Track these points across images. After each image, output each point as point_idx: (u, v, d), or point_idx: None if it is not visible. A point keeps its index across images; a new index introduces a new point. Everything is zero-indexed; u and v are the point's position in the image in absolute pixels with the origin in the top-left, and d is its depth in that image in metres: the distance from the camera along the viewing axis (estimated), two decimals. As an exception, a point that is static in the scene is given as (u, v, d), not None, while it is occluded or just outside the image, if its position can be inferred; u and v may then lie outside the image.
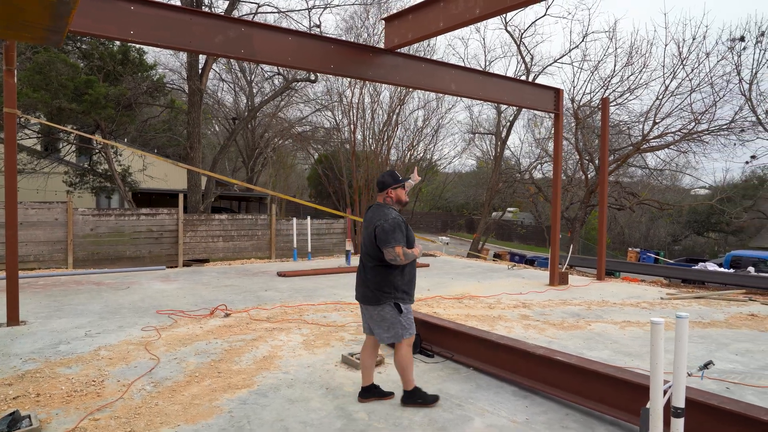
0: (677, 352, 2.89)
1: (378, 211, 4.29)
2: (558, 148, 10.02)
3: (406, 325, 4.29)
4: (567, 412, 4.23)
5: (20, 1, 4.00)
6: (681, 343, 2.88)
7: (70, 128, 12.14)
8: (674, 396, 2.88)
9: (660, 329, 2.85)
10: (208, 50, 6.22)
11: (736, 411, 3.42)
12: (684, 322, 2.87)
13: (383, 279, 4.23)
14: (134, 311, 7.57)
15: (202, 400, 4.39)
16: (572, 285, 10.31)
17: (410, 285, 4.34)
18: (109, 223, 12.14)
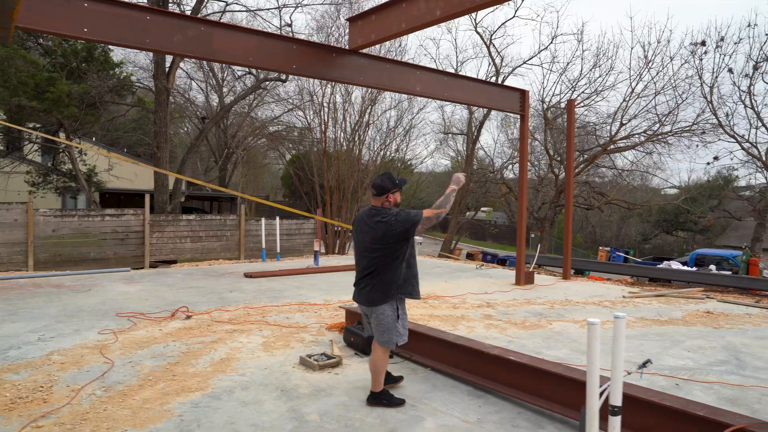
0: (614, 352, 2.94)
1: (377, 212, 4.25)
2: (524, 149, 10.13)
3: (401, 332, 4.29)
4: (519, 411, 4.28)
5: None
6: (618, 342, 2.93)
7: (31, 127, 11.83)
8: (611, 395, 2.94)
9: (596, 329, 2.90)
10: (166, 49, 6.13)
11: (675, 407, 3.50)
12: (621, 322, 2.93)
13: (389, 275, 4.19)
14: (93, 314, 7.42)
15: (153, 404, 4.33)
16: (538, 284, 10.44)
17: (408, 282, 4.31)
18: (72, 224, 11.89)
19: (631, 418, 3.66)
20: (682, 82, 16.38)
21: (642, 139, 17.39)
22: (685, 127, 16.54)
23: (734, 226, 34.48)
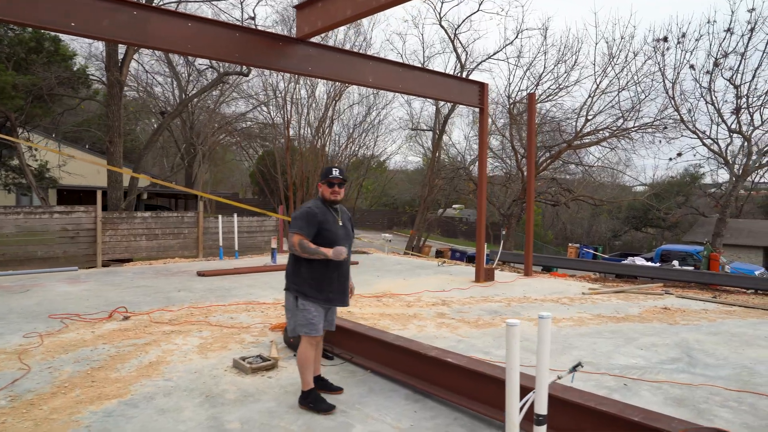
0: (539, 355, 2.70)
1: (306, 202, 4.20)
2: (483, 143, 9.95)
3: (302, 322, 4.04)
4: (456, 417, 4.05)
5: None
6: (543, 345, 2.69)
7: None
8: (536, 403, 2.70)
9: (514, 332, 2.66)
10: (94, 34, 5.74)
11: (611, 412, 3.30)
12: (546, 322, 2.69)
13: (292, 267, 4.10)
14: (24, 316, 6.99)
15: (62, 414, 3.99)
16: (498, 281, 10.29)
17: (320, 282, 4.06)
18: (17, 221, 11.34)
19: (567, 423, 3.47)
20: (645, 78, 16.52)
21: (606, 135, 17.44)
22: (647, 123, 16.63)
23: (701, 222, 35.05)
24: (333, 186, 4.09)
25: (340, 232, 4.06)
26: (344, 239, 4.08)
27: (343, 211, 4.27)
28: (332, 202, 4.14)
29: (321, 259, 3.96)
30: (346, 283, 4.19)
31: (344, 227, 4.15)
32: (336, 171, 4.11)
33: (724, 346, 6.15)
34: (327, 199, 4.12)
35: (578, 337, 6.33)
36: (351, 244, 4.26)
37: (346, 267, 4.15)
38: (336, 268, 4.05)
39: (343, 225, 4.15)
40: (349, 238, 4.18)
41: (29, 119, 12.92)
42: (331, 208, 4.14)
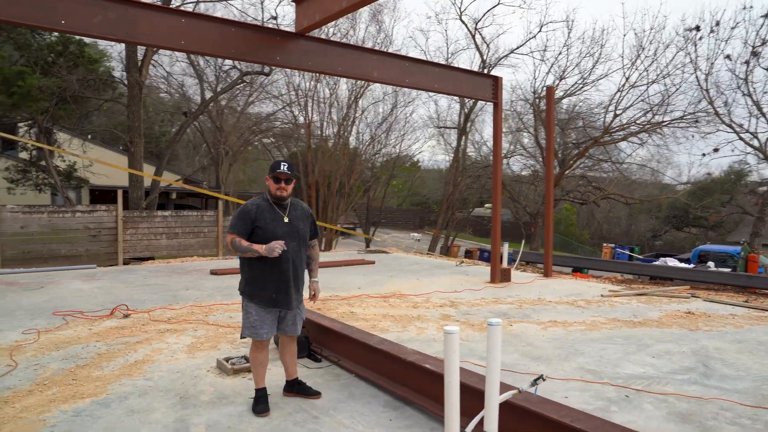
0: (489, 364, 2.44)
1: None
2: (497, 139, 9.59)
3: (246, 324, 3.92)
4: (433, 427, 3.80)
5: None
6: (493, 353, 2.43)
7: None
8: (486, 420, 2.43)
9: (453, 340, 2.41)
10: (84, 31, 5.73)
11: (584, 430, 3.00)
12: (496, 329, 2.43)
13: (240, 268, 4.04)
14: (30, 312, 7.09)
15: (31, 413, 3.94)
16: (514, 282, 9.92)
17: (260, 282, 3.90)
18: (41, 220, 11.64)
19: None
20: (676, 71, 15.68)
21: (635, 130, 16.67)
22: (680, 117, 15.80)
23: (747, 222, 33.30)
24: (279, 182, 3.88)
25: (279, 230, 3.83)
26: (286, 236, 3.85)
27: (297, 208, 4.07)
28: (278, 198, 3.92)
29: (259, 258, 3.80)
30: (290, 284, 3.91)
31: (291, 224, 3.93)
32: (284, 166, 3.90)
33: (747, 356, 5.67)
34: (272, 195, 3.93)
35: (586, 343, 5.96)
36: (302, 243, 4.02)
37: (288, 266, 3.88)
38: (274, 266, 3.84)
39: (289, 222, 3.93)
40: (295, 236, 3.93)
41: (55, 121, 13.27)
42: (277, 205, 3.95)
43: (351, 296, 8.51)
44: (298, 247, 3.96)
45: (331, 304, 7.94)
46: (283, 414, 3.96)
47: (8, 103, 11.72)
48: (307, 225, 4.09)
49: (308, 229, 4.10)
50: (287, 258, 3.85)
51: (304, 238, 4.04)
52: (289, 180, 3.91)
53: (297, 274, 3.96)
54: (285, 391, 4.32)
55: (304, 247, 4.05)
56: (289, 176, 3.89)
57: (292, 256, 3.90)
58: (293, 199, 4.08)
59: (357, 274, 10.85)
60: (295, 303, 3.99)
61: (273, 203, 3.95)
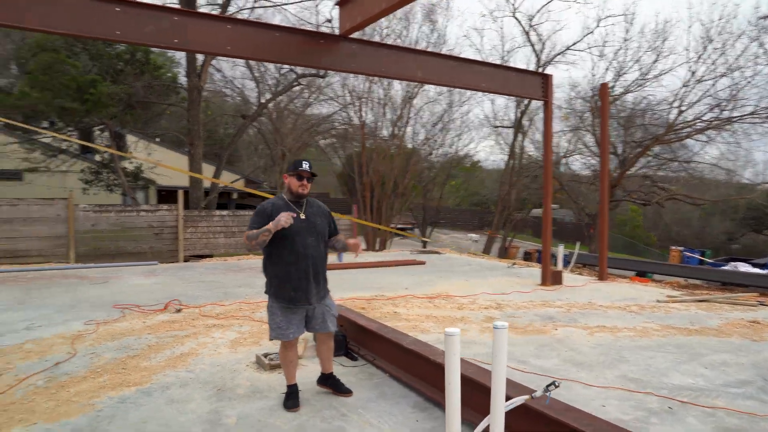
0: (494, 368, 2.39)
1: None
2: (548, 138, 9.32)
3: (272, 326, 4.02)
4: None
5: None
6: (499, 357, 2.37)
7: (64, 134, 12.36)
8: (492, 428, 2.38)
9: (453, 342, 2.37)
10: (138, 40, 6.07)
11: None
12: (501, 332, 2.38)
13: (262, 268, 4.14)
14: (93, 305, 7.57)
15: (82, 398, 4.21)
16: (566, 285, 9.61)
17: (275, 281, 4.01)
18: (110, 219, 12.40)
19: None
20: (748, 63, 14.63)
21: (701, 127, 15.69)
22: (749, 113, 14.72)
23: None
24: (302, 179, 3.98)
25: (295, 226, 3.89)
26: (303, 232, 3.93)
27: (313, 205, 4.14)
28: (299, 195, 4.01)
29: (278, 256, 3.92)
30: (310, 279, 3.97)
31: (308, 220, 4.00)
32: (306, 164, 3.99)
33: (816, 371, 5.24)
34: (294, 192, 4.00)
35: (634, 350, 5.70)
36: (320, 239, 4.07)
37: (308, 262, 3.95)
38: (293, 262, 3.92)
39: (306, 218, 4.00)
40: (312, 231, 4.00)
41: (123, 125, 14.13)
42: (294, 203, 4.03)
43: (397, 296, 8.54)
44: (316, 243, 4.02)
45: (376, 303, 8.00)
46: (312, 410, 4.04)
47: (82, 110, 12.62)
48: (324, 221, 4.15)
49: (326, 226, 4.16)
50: (306, 254, 3.93)
51: (322, 234, 4.09)
52: (310, 178, 4.01)
53: (317, 269, 4.02)
54: (318, 382, 4.41)
55: (322, 243, 4.10)
56: (310, 174, 3.99)
57: (311, 252, 3.96)
58: (309, 198, 4.15)
59: (406, 275, 10.86)
60: (316, 298, 4.04)
61: (289, 201, 4.04)
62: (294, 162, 4.04)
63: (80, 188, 15.91)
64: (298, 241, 3.91)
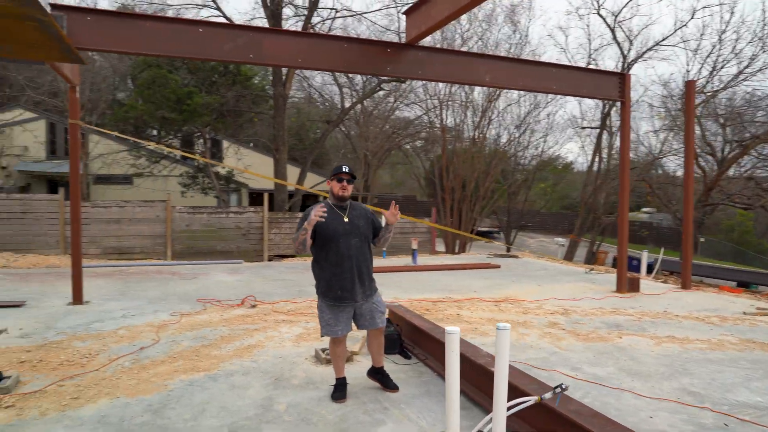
0: (497, 368, 2.47)
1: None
2: (625, 139, 8.91)
3: (322, 323, 4.30)
4: (494, 427, 3.84)
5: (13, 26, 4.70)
6: (501, 357, 2.46)
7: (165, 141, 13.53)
8: (494, 422, 2.47)
9: (452, 340, 2.49)
10: (218, 57, 6.65)
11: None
12: (503, 333, 2.47)
13: (312, 270, 4.44)
14: (180, 298, 8.33)
15: (159, 379, 4.74)
16: (643, 293, 9.16)
17: (322, 281, 4.29)
18: (202, 220, 13.46)
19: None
20: None
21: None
22: None
23: None
24: (342, 181, 4.20)
25: (340, 228, 4.13)
26: (347, 234, 4.16)
27: (357, 208, 4.35)
28: (340, 197, 4.23)
29: (324, 258, 4.20)
30: (354, 279, 4.18)
31: (351, 223, 4.21)
32: (345, 167, 4.23)
33: None
34: (336, 195, 4.23)
35: (701, 363, 5.41)
36: (364, 240, 4.28)
37: (352, 263, 4.17)
38: (338, 264, 4.15)
39: (349, 221, 4.21)
40: (356, 233, 4.21)
41: (216, 132, 15.29)
42: (337, 207, 4.25)
43: (463, 299, 8.60)
44: (359, 244, 4.23)
45: (442, 305, 8.11)
46: (357, 403, 4.27)
47: (180, 119, 13.84)
48: (368, 223, 4.35)
49: (370, 228, 4.35)
50: (349, 255, 4.15)
51: (366, 235, 4.30)
52: (350, 180, 4.23)
53: (361, 269, 4.23)
54: (368, 374, 4.64)
55: (366, 245, 4.31)
56: (350, 177, 4.22)
57: (355, 253, 4.18)
58: (352, 201, 4.37)
59: (478, 278, 10.86)
60: (361, 297, 4.25)
61: (333, 205, 4.28)
62: (334, 167, 4.30)
63: (179, 191, 17.36)
64: (342, 243, 4.16)
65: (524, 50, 18.48)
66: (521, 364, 5.29)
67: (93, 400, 4.23)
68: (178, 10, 14.35)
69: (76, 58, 5.99)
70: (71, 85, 7.50)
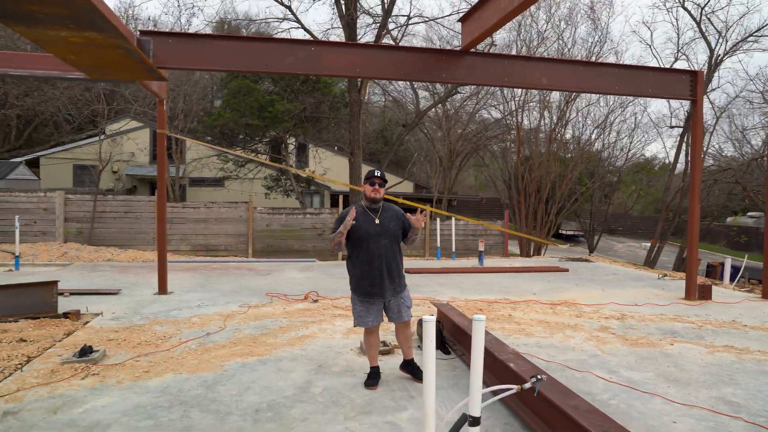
0: (473, 357, 2.69)
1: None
2: (696, 139, 8.50)
3: (354, 315, 4.68)
4: (507, 422, 4.02)
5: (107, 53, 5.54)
6: (477, 346, 2.69)
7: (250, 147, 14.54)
8: (470, 406, 2.70)
9: (427, 328, 2.73)
10: (281, 70, 7.24)
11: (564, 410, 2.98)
12: (479, 324, 2.69)
13: (346, 267, 4.82)
14: (251, 292, 9.06)
15: (218, 360, 5.34)
16: (714, 301, 8.68)
17: (355, 278, 4.68)
18: (280, 220, 14.36)
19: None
20: None
21: None
22: None
23: None
24: (374, 185, 4.53)
25: (372, 230, 4.44)
26: (377, 235, 4.48)
27: (388, 210, 4.66)
28: (373, 200, 4.56)
29: (357, 256, 4.55)
30: (384, 276, 4.51)
31: (382, 225, 4.53)
32: (377, 172, 4.58)
33: None
34: (368, 197, 4.57)
35: (752, 374, 5.18)
36: (394, 240, 4.61)
37: (382, 261, 4.51)
38: (369, 262, 4.50)
39: (380, 223, 4.53)
40: (387, 234, 4.53)
41: (295, 137, 16.21)
42: (370, 210, 4.59)
43: (520, 301, 8.65)
44: (390, 244, 4.57)
45: (497, 306, 8.24)
46: (386, 390, 4.60)
47: (262, 125, 14.87)
48: (398, 224, 4.66)
49: (400, 228, 4.67)
50: (379, 254, 4.50)
51: (396, 236, 4.62)
52: (382, 184, 4.57)
53: (390, 267, 4.57)
54: (400, 367, 4.96)
55: (396, 244, 4.63)
56: (381, 180, 4.55)
57: (385, 252, 4.52)
58: (385, 203, 4.70)
59: (541, 281, 10.78)
60: (390, 292, 4.59)
61: (366, 208, 4.63)
62: (367, 172, 4.67)
63: (264, 193, 18.55)
64: (373, 243, 4.51)
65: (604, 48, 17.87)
66: (558, 365, 5.37)
67: (160, 374, 4.88)
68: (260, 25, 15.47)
69: (158, 76, 6.82)
70: (159, 99, 8.46)
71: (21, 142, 26.51)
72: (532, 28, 17.24)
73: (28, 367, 5.00)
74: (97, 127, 18.41)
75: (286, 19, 14.54)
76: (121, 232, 14.36)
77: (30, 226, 13.96)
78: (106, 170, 19.66)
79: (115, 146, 21.04)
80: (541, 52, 17.27)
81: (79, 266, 12.19)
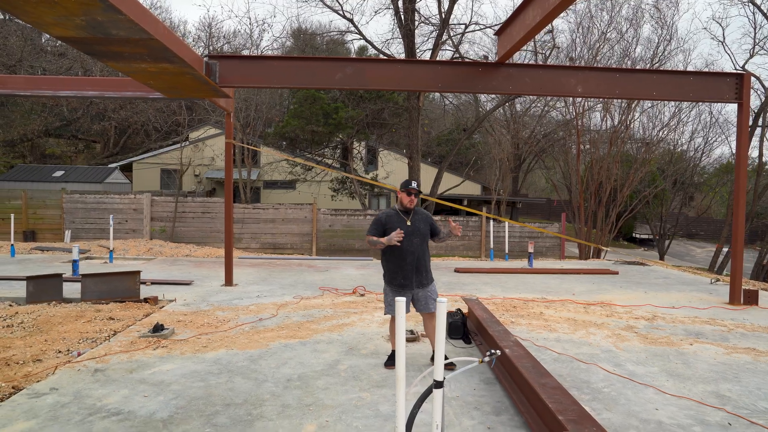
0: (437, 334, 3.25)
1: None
2: (741, 142, 8.42)
3: (385, 303, 5.38)
4: (499, 399, 4.54)
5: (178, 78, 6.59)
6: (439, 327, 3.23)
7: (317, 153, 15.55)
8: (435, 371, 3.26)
9: (399, 307, 3.33)
10: (330, 85, 8.06)
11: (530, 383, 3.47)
12: (441, 306, 3.23)
13: (381, 262, 5.52)
14: (306, 286, 9.96)
15: (265, 340, 6.21)
16: (761, 306, 8.56)
17: (392, 272, 5.31)
18: (342, 221, 15.29)
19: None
20: None
21: None
22: None
23: None
24: (411, 195, 5.19)
25: (405, 230, 5.08)
26: (410, 235, 5.13)
27: (419, 213, 5.34)
28: (407, 208, 5.22)
29: (391, 253, 5.17)
30: (413, 271, 5.16)
31: (413, 226, 5.19)
32: (414, 183, 5.23)
33: None
34: (404, 205, 5.22)
35: (759, 374, 5.33)
36: (424, 239, 5.26)
37: (413, 258, 5.15)
38: (401, 258, 5.12)
39: (412, 225, 5.19)
40: (417, 234, 5.19)
41: (358, 141, 17.14)
42: (403, 213, 5.22)
43: (556, 300, 8.97)
44: (420, 243, 5.24)
45: (532, 304, 8.62)
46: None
47: (325, 131, 15.89)
48: (427, 226, 5.34)
49: (428, 229, 5.36)
50: (411, 251, 5.17)
51: (425, 235, 5.31)
52: (417, 194, 5.26)
53: (419, 263, 5.23)
54: (431, 359, 5.56)
55: (425, 243, 5.32)
56: (417, 191, 5.25)
57: (415, 250, 5.19)
58: (417, 208, 5.36)
59: (585, 283, 10.95)
60: (417, 285, 5.24)
61: (399, 211, 5.30)
62: (405, 181, 5.34)
63: (330, 195, 19.64)
64: (405, 242, 5.17)
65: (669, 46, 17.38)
66: (569, 357, 5.79)
67: (215, 350, 5.80)
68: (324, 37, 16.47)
69: (223, 94, 7.86)
70: (227, 112, 9.55)
71: (117, 149, 29.50)
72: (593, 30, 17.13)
73: (114, 339, 6.09)
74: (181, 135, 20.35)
75: (348, 32, 15.44)
76: (198, 230, 15.88)
77: (122, 225, 15.80)
78: (188, 174, 21.57)
79: (196, 152, 23.00)
80: (604, 53, 17.16)
81: (162, 260, 13.71)
